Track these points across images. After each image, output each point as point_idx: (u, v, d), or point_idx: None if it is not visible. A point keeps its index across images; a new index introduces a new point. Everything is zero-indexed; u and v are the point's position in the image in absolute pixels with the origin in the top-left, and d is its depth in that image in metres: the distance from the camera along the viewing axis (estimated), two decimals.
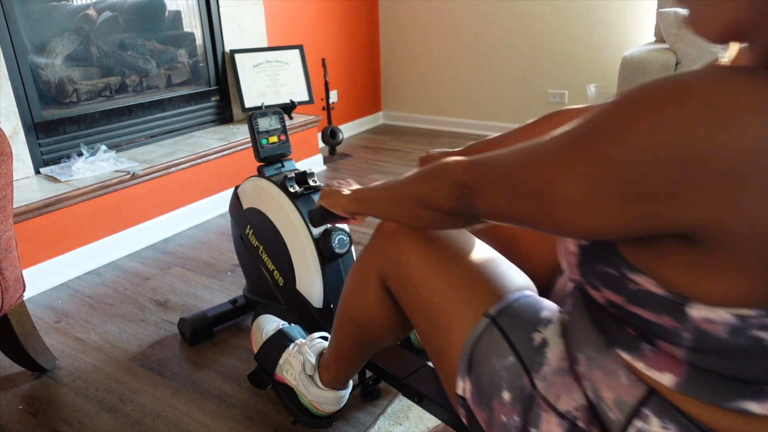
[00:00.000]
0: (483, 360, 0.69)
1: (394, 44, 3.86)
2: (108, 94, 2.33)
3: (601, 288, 0.56)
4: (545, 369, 0.64)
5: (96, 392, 1.36)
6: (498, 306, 0.71)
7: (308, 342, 1.13)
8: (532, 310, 0.70)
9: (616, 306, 0.55)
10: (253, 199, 1.42)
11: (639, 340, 0.55)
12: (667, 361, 0.53)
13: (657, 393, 0.55)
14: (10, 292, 1.22)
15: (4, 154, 1.13)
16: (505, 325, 0.69)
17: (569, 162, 0.49)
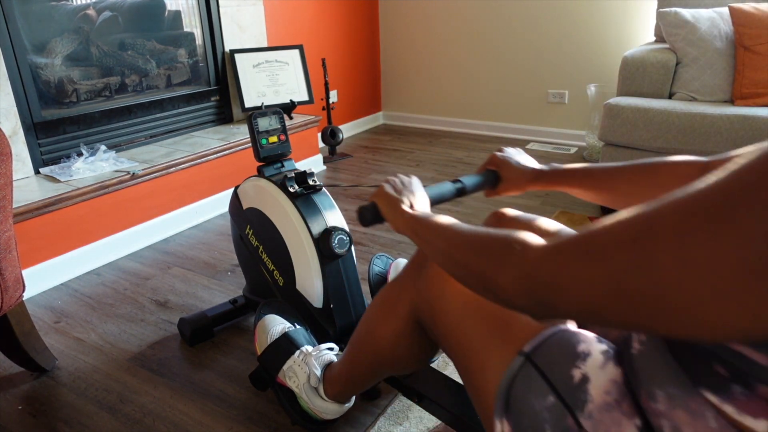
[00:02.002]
0: (521, 400, 0.65)
1: (394, 44, 3.86)
2: (108, 94, 2.33)
3: None
4: (590, 406, 0.60)
5: (96, 392, 1.36)
6: (533, 343, 0.67)
7: (314, 353, 1.12)
8: (569, 344, 0.65)
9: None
10: (253, 199, 1.41)
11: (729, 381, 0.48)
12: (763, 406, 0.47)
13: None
14: (10, 292, 1.22)
15: (4, 154, 1.12)
16: (541, 363, 0.65)
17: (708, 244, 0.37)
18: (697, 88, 2.28)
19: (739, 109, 2.01)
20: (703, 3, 2.48)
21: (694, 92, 2.29)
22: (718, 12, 2.30)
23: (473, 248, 0.58)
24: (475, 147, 3.40)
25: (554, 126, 3.43)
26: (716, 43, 2.26)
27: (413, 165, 3.08)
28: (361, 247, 2.08)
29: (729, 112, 1.99)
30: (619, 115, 2.25)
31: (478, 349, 0.72)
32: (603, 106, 2.33)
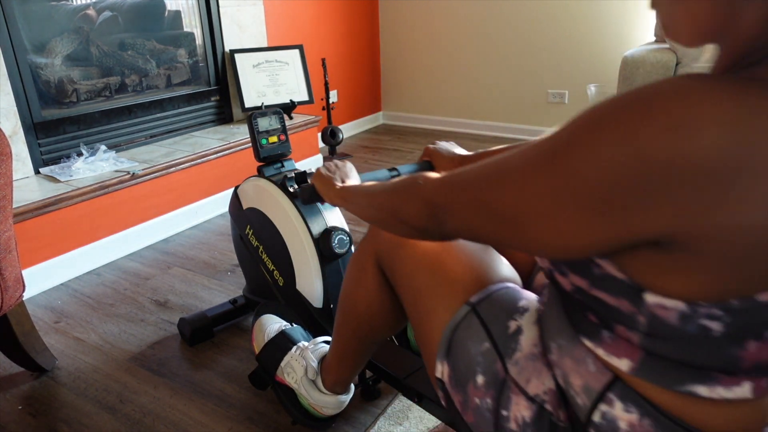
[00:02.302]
0: (460, 345, 0.71)
1: (394, 44, 3.86)
2: (108, 94, 2.33)
3: (569, 273, 0.58)
4: (518, 355, 0.67)
5: (96, 392, 1.36)
6: (480, 295, 0.74)
7: (311, 346, 1.13)
8: (511, 299, 0.73)
9: (581, 291, 0.57)
10: (253, 199, 1.41)
11: (600, 327, 0.57)
12: (624, 346, 0.55)
13: (620, 378, 0.57)
14: (10, 292, 1.22)
15: (4, 154, 1.12)
16: (484, 313, 0.72)
17: (537, 178, 0.49)
18: None
19: None
20: None
21: None
22: None
23: (388, 192, 0.70)
24: (475, 147, 3.40)
25: (554, 126, 3.42)
26: None
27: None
28: None
29: None
30: None
31: (430, 297, 0.77)
32: None
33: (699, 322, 0.49)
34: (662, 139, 0.41)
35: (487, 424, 0.69)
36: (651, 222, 0.44)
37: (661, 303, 0.50)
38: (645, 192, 0.43)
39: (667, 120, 0.41)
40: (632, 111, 0.43)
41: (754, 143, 0.40)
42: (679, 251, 0.46)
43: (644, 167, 0.42)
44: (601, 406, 0.58)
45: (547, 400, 0.63)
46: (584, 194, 0.46)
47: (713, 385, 0.52)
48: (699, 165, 0.41)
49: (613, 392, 0.57)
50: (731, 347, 0.50)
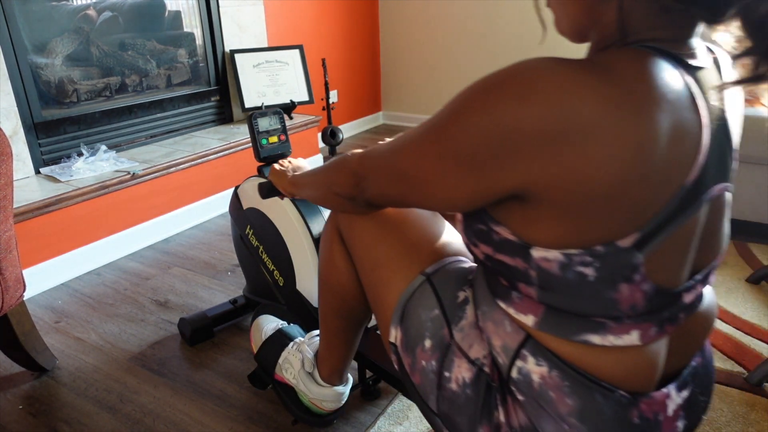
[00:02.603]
0: (413, 312, 0.77)
1: (394, 44, 3.86)
2: (108, 94, 2.33)
3: (479, 244, 0.65)
4: (463, 323, 0.73)
5: (96, 392, 1.36)
6: (435, 266, 0.79)
7: (307, 340, 1.14)
8: (461, 272, 0.78)
9: (489, 257, 0.64)
10: (253, 199, 1.42)
11: (509, 288, 0.64)
12: (528, 303, 0.62)
13: (531, 336, 0.64)
14: (10, 292, 1.22)
15: (4, 154, 1.13)
16: (437, 283, 0.77)
17: (425, 144, 0.60)
18: None
19: None
20: None
21: None
22: None
23: (324, 170, 0.82)
24: None
25: None
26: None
27: None
28: None
29: None
30: None
31: (388, 267, 0.82)
32: None
33: (575, 269, 0.56)
34: (511, 108, 0.51)
35: (431, 384, 0.74)
36: (509, 177, 0.54)
37: (544, 256, 0.57)
38: (501, 152, 0.53)
39: (515, 92, 0.51)
40: (492, 85, 0.53)
41: (576, 110, 0.49)
42: (537, 202, 0.55)
43: (499, 131, 0.52)
44: (518, 363, 0.64)
45: (485, 363, 0.69)
46: (459, 155, 0.56)
47: (605, 334, 0.59)
48: (536, 128, 0.50)
49: (526, 349, 0.64)
50: (607, 291, 0.56)
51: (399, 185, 0.65)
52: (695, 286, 0.63)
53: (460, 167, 0.57)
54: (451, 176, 0.58)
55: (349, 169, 0.74)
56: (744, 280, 1.77)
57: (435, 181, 0.60)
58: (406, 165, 0.63)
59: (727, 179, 0.61)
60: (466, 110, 0.55)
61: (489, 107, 0.53)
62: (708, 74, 0.57)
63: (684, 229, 0.56)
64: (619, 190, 0.51)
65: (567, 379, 0.61)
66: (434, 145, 0.59)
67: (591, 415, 0.61)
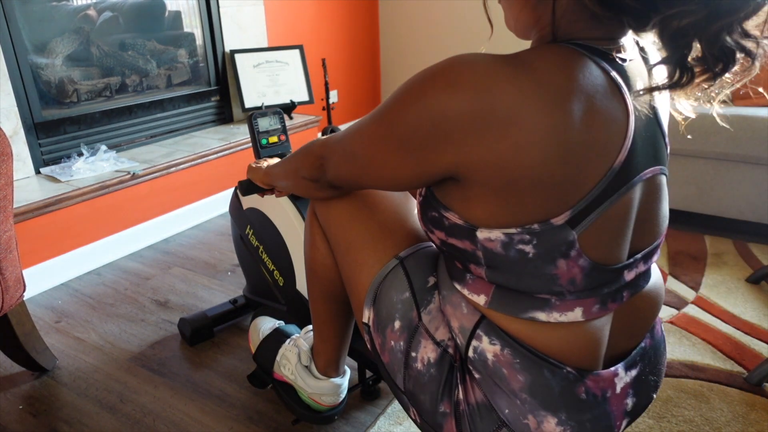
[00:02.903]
0: (385, 294, 0.79)
1: (394, 44, 3.86)
2: (108, 94, 2.34)
3: (434, 230, 0.69)
4: (431, 306, 0.76)
5: (96, 392, 1.36)
6: (408, 250, 0.82)
7: (302, 335, 1.15)
8: (433, 257, 0.81)
9: (444, 243, 0.69)
10: (253, 199, 1.42)
11: (464, 271, 0.69)
12: (480, 284, 0.67)
13: (485, 316, 0.68)
14: (11, 292, 1.22)
15: (5, 154, 1.13)
16: (410, 267, 0.79)
17: (372, 128, 0.66)
18: None
19: (738, 109, 2.01)
20: None
21: None
22: None
23: (292, 157, 0.87)
24: None
25: None
26: None
27: None
28: None
29: (728, 112, 1.99)
30: None
31: (362, 249, 0.85)
32: None
33: (516, 248, 0.60)
34: (439, 97, 0.56)
35: (398, 363, 0.78)
36: (441, 159, 0.59)
37: (488, 236, 0.62)
38: (433, 136, 0.58)
39: (443, 83, 0.57)
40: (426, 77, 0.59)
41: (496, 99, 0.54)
42: (471, 183, 0.60)
43: (430, 118, 0.57)
44: (473, 342, 0.68)
45: (449, 345, 0.73)
46: (399, 139, 0.61)
47: (550, 311, 0.63)
48: (462, 115, 0.55)
49: (480, 329, 0.67)
50: (546, 266, 0.61)
51: (352, 166, 0.71)
52: (636, 264, 0.66)
53: (400, 150, 0.62)
54: (394, 158, 0.64)
55: (312, 153, 0.80)
56: (744, 280, 1.77)
57: (381, 162, 0.66)
58: (357, 148, 0.69)
59: (661, 163, 0.65)
60: (404, 99, 0.61)
61: (422, 96, 0.58)
62: (635, 66, 0.62)
63: (617, 208, 0.60)
64: (543, 172, 0.55)
65: (518, 357, 0.65)
66: (379, 130, 0.64)
67: (541, 390, 0.64)
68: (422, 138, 0.59)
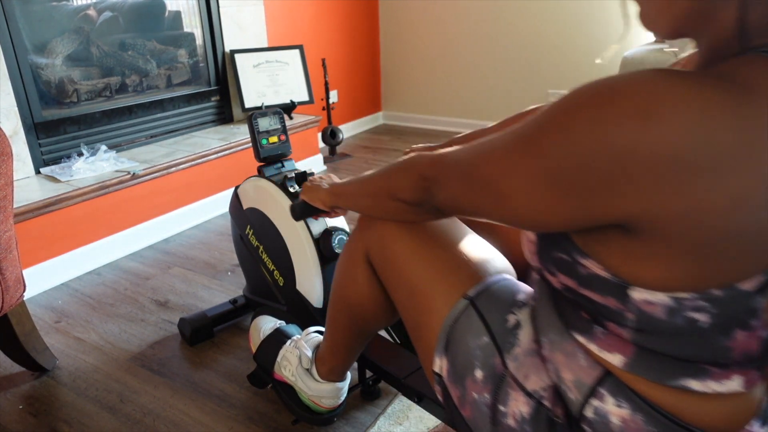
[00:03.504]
0: (459, 339, 0.71)
1: (394, 44, 3.86)
2: (108, 94, 2.34)
3: (557, 273, 0.60)
4: (516, 350, 0.67)
5: (96, 392, 1.36)
6: (477, 288, 0.73)
7: (304, 337, 1.14)
8: (508, 292, 0.73)
9: (570, 290, 0.59)
10: (253, 199, 1.42)
11: (591, 323, 0.58)
12: (616, 342, 0.56)
13: (611, 373, 0.58)
14: (11, 292, 1.22)
15: (5, 154, 1.13)
16: (482, 307, 0.71)
17: (515, 157, 0.53)
18: None
19: None
20: None
21: None
22: None
23: (383, 174, 0.75)
24: None
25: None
26: None
27: None
28: None
29: None
30: None
31: (425, 291, 0.77)
32: None
33: (686, 315, 0.50)
34: (625, 127, 0.44)
35: (484, 419, 0.69)
36: (616, 206, 0.47)
37: (647, 298, 0.51)
38: (610, 178, 0.46)
39: (631, 109, 0.44)
40: (600, 99, 0.46)
41: (711, 135, 0.42)
42: (647, 236, 0.48)
43: (609, 154, 0.45)
44: (593, 401, 0.59)
45: (545, 396, 0.64)
46: (554, 176, 0.49)
47: (705, 379, 0.53)
48: (660, 154, 0.43)
49: (604, 387, 0.58)
50: (720, 338, 0.51)
51: (475, 195, 0.59)
52: None
53: (553, 189, 0.50)
54: (540, 197, 0.52)
55: (417, 171, 0.67)
56: None
57: (520, 198, 0.54)
58: (487, 175, 0.57)
59: None
60: (567, 125, 0.48)
61: (596, 123, 0.45)
62: None
63: None
64: (753, 228, 0.44)
65: (652, 425, 0.56)
66: (525, 160, 0.52)
67: None
68: (594, 178, 0.47)
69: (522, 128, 0.53)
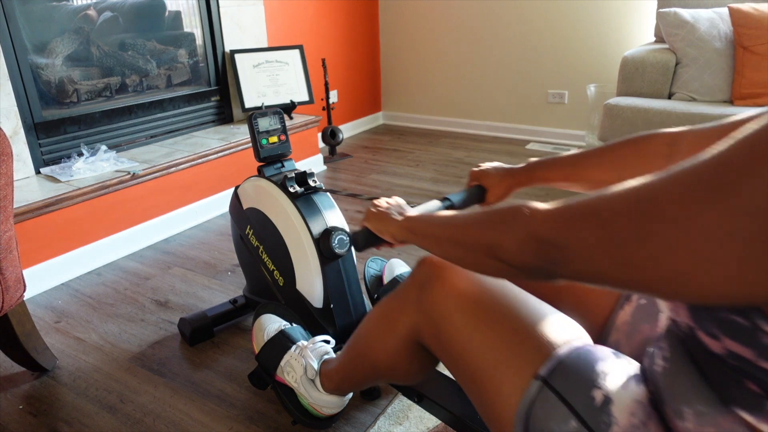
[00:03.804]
0: (541, 426, 0.62)
1: (394, 44, 3.86)
2: (108, 94, 2.34)
3: (722, 337, 0.48)
4: (615, 429, 0.57)
5: (96, 392, 1.36)
6: (548, 365, 0.64)
7: (310, 345, 1.13)
8: (586, 364, 0.63)
9: (742, 359, 0.47)
10: (253, 199, 1.42)
11: (764, 398, 0.47)
12: None
13: None
14: (11, 292, 1.22)
15: (5, 154, 1.13)
16: (559, 386, 0.62)
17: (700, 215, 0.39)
18: (696, 89, 2.29)
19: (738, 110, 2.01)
20: (703, 3, 2.48)
21: (693, 92, 2.30)
22: (717, 12, 2.31)
23: (478, 223, 0.60)
24: (475, 147, 3.41)
25: (554, 126, 3.43)
26: (716, 43, 2.26)
27: (413, 165, 3.08)
28: None
29: (728, 112, 1.99)
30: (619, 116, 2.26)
31: (491, 373, 0.68)
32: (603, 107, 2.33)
33: None
34: None
35: None
36: None
37: None
38: None
39: None
40: None
41: None
42: None
43: None
44: None
45: None
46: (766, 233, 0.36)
47: None
48: None
49: None
50: None
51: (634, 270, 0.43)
52: None
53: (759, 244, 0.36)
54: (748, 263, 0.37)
55: (529, 231, 0.52)
56: None
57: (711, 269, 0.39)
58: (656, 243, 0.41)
59: None
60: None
61: None
62: None
63: None
64: None
65: None
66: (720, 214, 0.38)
67: None
68: None
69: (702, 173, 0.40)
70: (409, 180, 2.84)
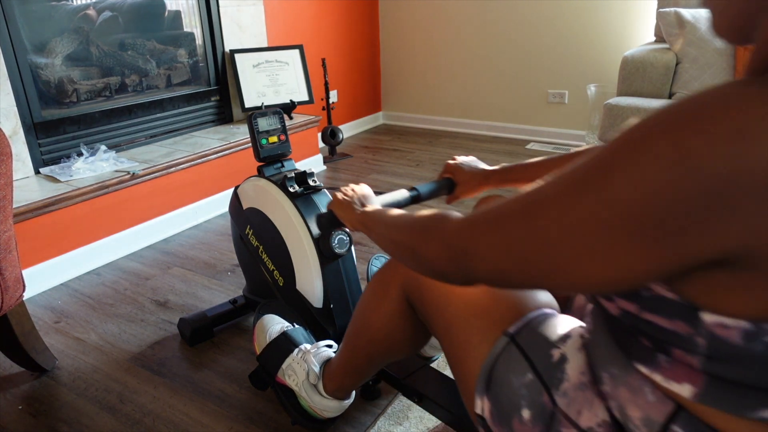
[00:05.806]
0: (501, 378, 0.68)
1: (394, 44, 3.86)
2: (108, 94, 2.33)
3: (614, 298, 0.54)
4: (565, 385, 0.63)
5: (96, 392, 1.36)
6: (517, 324, 0.70)
7: (313, 350, 1.13)
8: (551, 326, 0.69)
9: (630, 315, 0.53)
10: (253, 199, 1.42)
11: (654, 351, 0.52)
12: (684, 371, 0.50)
13: (683, 408, 0.52)
14: (10, 292, 1.22)
15: (4, 154, 1.13)
16: (524, 343, 0.68)
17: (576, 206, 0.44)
18: (696, 88, 2.29)
19: None
20: None
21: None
22: None
23: (407, 228, 0.65)
24: (475, 147, 3.40)
25: (554, 126, 3.43)
26: (716, 43, 2.26)
27: (413, 165, 3.08)
28: (361, 247, 2.08)
29: None
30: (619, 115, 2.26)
31: (465, 329, 0.74)
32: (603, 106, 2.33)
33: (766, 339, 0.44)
34: (720, 152, 0.38)
35: None
36: (715, 242, 0.41)
37: (721, 322, 0.45)
38: (705, 211, 0.39)
39: (724, 130, 0.38)
40: (680, 125, 0.40)
41: None
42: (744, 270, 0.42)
43: (701, 184, 0.39)
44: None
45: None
46: (634, 222, 0.42)
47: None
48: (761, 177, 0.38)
49: (677, 423, 0.52)
50: None
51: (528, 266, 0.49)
52: None
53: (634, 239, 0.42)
54: (621, 250, 0.43)
55: (442, 239, 0.57)
56: None
57: (591, 258, 0.45)
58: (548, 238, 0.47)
59: None
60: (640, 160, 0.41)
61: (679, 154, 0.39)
62: None
63: None
64: None
65: None
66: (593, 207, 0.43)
67: None
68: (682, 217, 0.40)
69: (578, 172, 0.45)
70: (409, 180, 2.84)
